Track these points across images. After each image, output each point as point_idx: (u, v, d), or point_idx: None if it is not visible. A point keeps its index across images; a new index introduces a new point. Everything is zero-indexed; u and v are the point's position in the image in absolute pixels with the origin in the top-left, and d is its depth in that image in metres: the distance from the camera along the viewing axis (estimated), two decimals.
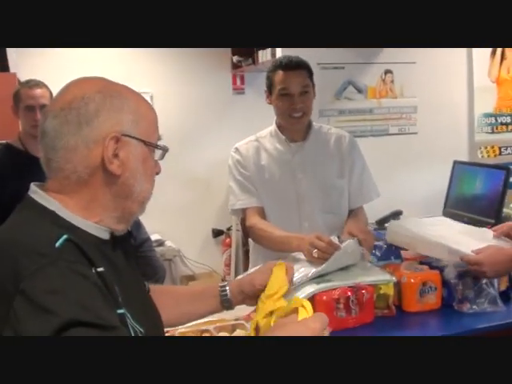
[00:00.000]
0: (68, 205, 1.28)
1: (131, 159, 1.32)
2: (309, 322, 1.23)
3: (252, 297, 1.67)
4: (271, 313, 1.48)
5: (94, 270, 1.19)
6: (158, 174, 1.42)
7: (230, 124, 6.29)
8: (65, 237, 1.18)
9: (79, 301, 1.08)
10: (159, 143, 1.40)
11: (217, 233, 6.36)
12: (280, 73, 2.64)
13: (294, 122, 2.68)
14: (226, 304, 1.70)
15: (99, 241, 1.31)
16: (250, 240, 2.97)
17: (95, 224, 1.30)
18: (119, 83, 1.39)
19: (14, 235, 1.21)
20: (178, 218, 5.97)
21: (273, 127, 2.81)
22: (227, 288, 1.69)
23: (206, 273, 6.32)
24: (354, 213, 2.81)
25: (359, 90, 4.20)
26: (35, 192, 1.30)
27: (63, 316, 1.04)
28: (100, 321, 1.07)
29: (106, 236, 1.33)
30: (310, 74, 2.70)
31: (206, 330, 2.05)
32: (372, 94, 4.24)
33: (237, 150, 2.81)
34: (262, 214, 2.73)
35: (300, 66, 2.66)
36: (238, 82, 6.55)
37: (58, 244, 1.16)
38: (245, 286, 1.68)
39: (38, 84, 3.19)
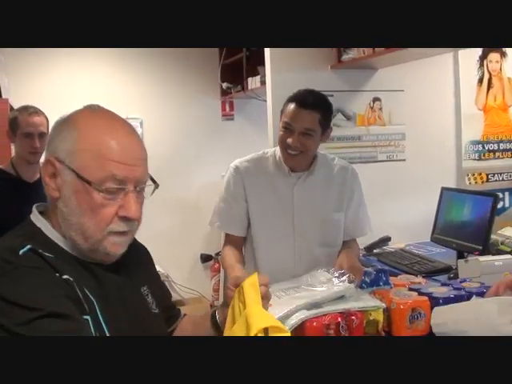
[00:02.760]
0: (53, 222, 1.40)
1: (64, 187, 1.36)
2: None
3: None
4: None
5: (57, 275, 1.26)
6: (128, 219, 1.38)
7: (219, 149, 6.35)
8: (28, 247, 1.28)
9: (44, 295, 1.19)
10: (107, 183, 1.34)
11: (205, 258, 6.37)
12: (291, 105, 2.58)
13: (288, 157, 2.64)
14: (215, 327, 1.71)
15: (82, 260, 1.38)
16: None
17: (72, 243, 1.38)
18: (106, 116, 1.42)
19: None
20: (166, 243, 5.97)
21: (278, 152, 2.74)
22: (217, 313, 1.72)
23: (194, 298, 6.32)
24: (347, 244, 2.80)
25: (348, 118, 4.22)
26: (33, 211, 1.43)
27: (32, 308, 1.15)
28: (64, 310, 1.18)
29: (88, 258, 1.39)
30: (324, 117, 2.61)
31: None
32: (361, 121, 4.27)
33: (237, 168, 2.75)
34: (237, 243, 2.73)
35: (314, 108, 2.57)
36: (228, 108, 6.61)
37: (21, 252, 1.26)
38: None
39: (37, 112, 3.26)
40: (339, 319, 2.09)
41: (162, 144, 6.05)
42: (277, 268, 2.62)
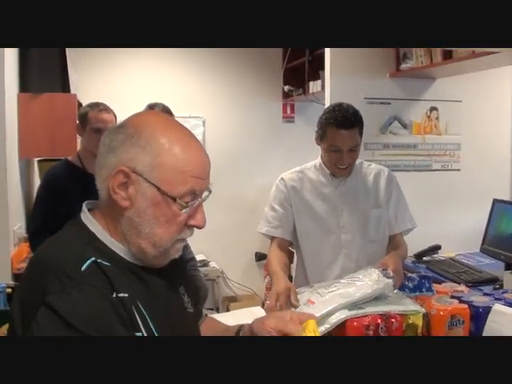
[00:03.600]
0: (103, 224, 1.39)
1: (139, 198, 1.35)
2: None
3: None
4: None
5: (114, 295, 1.28)
6: (197, 227, 1.42)
7: (278, 151, 6.45)
8: (92, 259, 1.29)
9: (94, 319, 1.21)
10: (187, 197, 1.37)
11: (260, 256, 6.48)
12: (333, 129, 2.71)
13: (340, 171, 2.83)
14: None
15: (132, 265, 1.39)
16: (292, 266, 3.13)
17: (126, 248, 1.39)
18: (175, 126, 1.42)
19: (50, 252, 1.35)
20: (223, 240, 6.12)
21: (318, 161, 2.95)
22: (242, 329, 1.71)
23: (247, 295, 6.45)
24: (394, 241, 2.94)
25: (404, 126, 4.28)
26: (83, 211, 1.43)
27: (79, 330, 1.18)
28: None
29: (140, 262, 1.41)
30: (361, 129, 2.77)
31: None
32: (417, 129, 4.32)
33: (282, 179, 2.96)
34: (283, 246, 2.90)
35: (354, 125, 2.71)
36: (289, 110, 6.71)
37: (83, 267, 1.27)
38: (255, 326, 1.63)
39: (107, 109, 3.41)
40: (379, 321, 2.17)
41: (223, 143, 6.20)
42: (323, 262, 2.88)
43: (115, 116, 3.42)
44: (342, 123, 2.69)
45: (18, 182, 4.36)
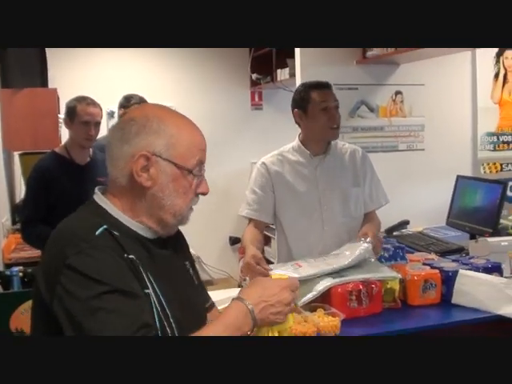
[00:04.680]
0: (117, 205, 1.59)
1: (160, 176, 1.54)
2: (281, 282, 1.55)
3: None
4: None
5: (125, 255, 1.46)
6: (203, 194, 1.62)
7: (248, 138, 6.63)
8: (104, 227, 1.47)
9: (115, 273, 1.40)
10: (197, 167, 1.58)
11: (234, 240, 6.68)
12: (316, 91, 2.95)
13: (333, 133, 3.00)
14: None
15: (142, 237, 1.58)
16: (272, 242, 3.31)
17: (138, 223, 1.59)
18: (173, 111, 1.64)
19: (67, 226, 1.53)
20: (197, 226, 6.17)
21: (295, 143, 3.10)
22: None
23: (223, 278, 6.65)
24: (369, 216, 3.13)
25: (371, 109, 4.48)
26: (96, 194, 1.63)
27: (105, 283, 1.36)
28: (130, 289, 1.39)
29: (149, 235, 1.61)
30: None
31: None
32: (383, 113, 4.53)
33: (264, 164, 3.09)
34: (259, 226, 3.06)
35: (330, 86, 3.01)
36: (257, 98, 6.88)
37: (97, 232, 1.45)
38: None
39: (94, 103, 3.55)
40: (361, 287, 2.42)
41: None
42: (307, 240, 3.03)
43: (101, 109, 3.58)
44: (321, 85, 3.00)
45: (2, 176, 4.49)
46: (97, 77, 6.03)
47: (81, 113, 3.47)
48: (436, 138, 4.68)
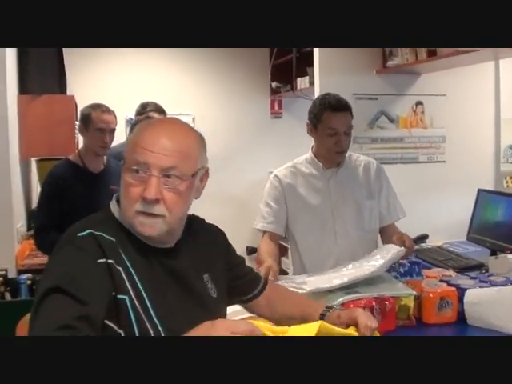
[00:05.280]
0: None
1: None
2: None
3: None
4: None
5: (104, 260, 1.48)
6: (144, 199, 1.53)
7: (267, 147, 6.60)
8: (89, 231, 1.51)
9: (68, 273, 1.41)
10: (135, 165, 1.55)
11: (251, 250, 6.62)
12: (329, 113, 2.87)
13: (337, 156, 2.96)
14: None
15: (143, 244, 1.59)
16: (287, 260, 3.28)
17: None
18: (162, 119, 1.82)
19: (68, 230, 1.58)
20: None
21: (309, 155, 3.07)
22: (329, 312, 1.90)
23: None
24: (391, 230, 3.06)
25: (391, 120, 4.44)
26: (112, 201, 1.66)
27: (51, 280, 1.39)
28: (77, 293, 1.37)
29: (152, 242, 1.61)
30: (351, 113, 2.93)
31: None
32: (403, 123, 4.48)
33: (276, 177, 3.06)
34: (274, 238, 3.03)
35: (347, 109, 2.90)
36: (276, 106, 6.86)
37: (79, 234, 1.51)
38: (344, 316, 1.81)
39: (109, 110, 3.55)
40: (374, 303, 2.34)
41: (213, 140, 6.18)
42: (319, 253, 2.99)
43: (115, 116, 3.57)
44: (336, 106, 2.88)
45: (19, 182, 4.49)
46: (115, 84, 6.03)
47: (95, 120, 3.46)
48: (458, 149, 4.62)
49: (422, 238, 4.14)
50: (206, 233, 1.88)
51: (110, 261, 1.49)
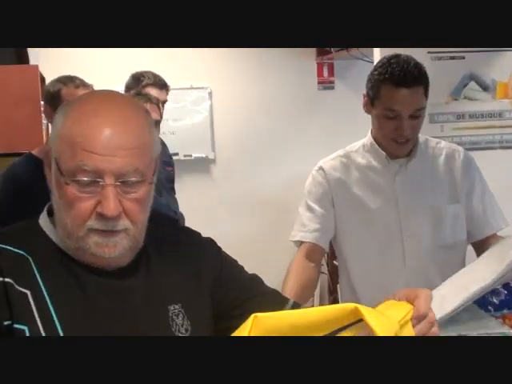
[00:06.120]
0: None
1: (51, 178, 1.65)
2: None
3: None
4: None
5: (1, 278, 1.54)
6: (102, 215, 1.57)
7: (313, 130, 6.57)
8: None
9: None
10: (77, 175, 1.56)
11: None
12: (390, 88, 2.76)
13: (397, 147, 2.87)
14: None
15: (70, 260, 1.64)
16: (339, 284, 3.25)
17: None
18: (104, 94, 1.73)
19: None
20: (244, 255, 6.20)
21: (367, 139, 3.00)
22: None
23: None
24: (493, 241, 2.93)
25: (485, 88, 4.36)
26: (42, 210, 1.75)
27: None
28: None
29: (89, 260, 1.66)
30: (427, 89, 2.82)
31: None
32: (503, 92, 4.41)
33: (321, 169, 3.02)
34: (313, 255, 2.97)
35: (418, 83, 2.77)
36: (326, 72, 6.84)
37: None
38: None
39: (84, 84, 3.57)
40: None
41: (238, 122, 6.35)
42: (379, 280, 2.91)
43: None
44: (401, 79, 2.75)
45: None
46: (97, 49, 6.06)
47: (67, 99, 3.46)
48: None
49: None
50: (193, 255, 1.88)
51: (6, 279, 1.54)
